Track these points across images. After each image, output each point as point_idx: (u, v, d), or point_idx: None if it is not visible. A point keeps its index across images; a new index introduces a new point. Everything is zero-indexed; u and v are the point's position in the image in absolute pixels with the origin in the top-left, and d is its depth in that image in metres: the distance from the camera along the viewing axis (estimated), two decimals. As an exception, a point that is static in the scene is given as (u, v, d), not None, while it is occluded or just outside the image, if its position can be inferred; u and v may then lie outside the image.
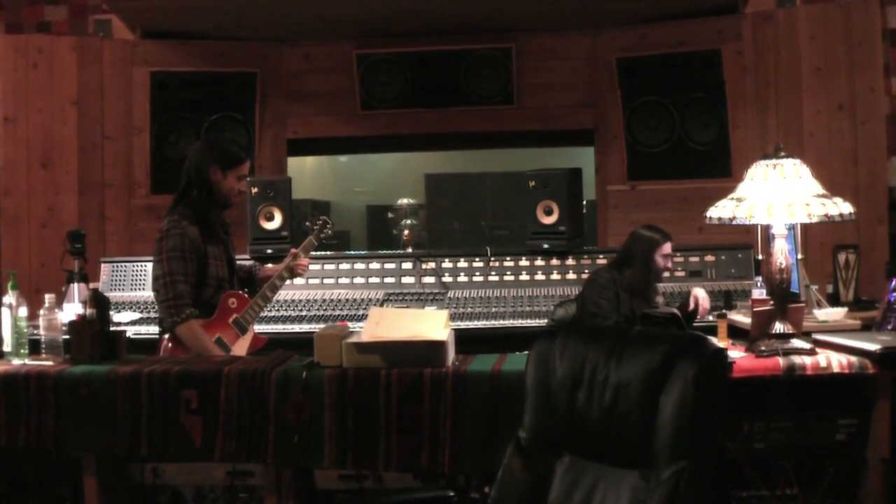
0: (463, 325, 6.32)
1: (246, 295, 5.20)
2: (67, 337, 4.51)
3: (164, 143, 8.42)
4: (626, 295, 5.88)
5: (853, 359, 4.13)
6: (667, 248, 5.99)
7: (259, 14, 8.15)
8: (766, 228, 4.48)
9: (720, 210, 4.32)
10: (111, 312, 4.73)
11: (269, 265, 5.62)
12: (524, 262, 7.03)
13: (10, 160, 8.17)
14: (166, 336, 4.92)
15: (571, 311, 6.11)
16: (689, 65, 8.30)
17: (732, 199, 4.34)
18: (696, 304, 5.84)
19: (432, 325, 4.13)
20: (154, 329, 5.87)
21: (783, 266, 4.26)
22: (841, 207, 4.17)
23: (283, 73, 8.91)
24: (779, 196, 4.18)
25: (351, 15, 8.20)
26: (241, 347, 5.05)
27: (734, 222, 4.25)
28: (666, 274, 6.19)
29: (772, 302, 4.42)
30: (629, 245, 6.07)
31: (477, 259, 7.06)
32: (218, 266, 5.10)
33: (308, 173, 11.54)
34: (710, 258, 6.98)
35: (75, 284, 6.40)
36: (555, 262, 7.03)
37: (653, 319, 4.86)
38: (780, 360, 4.11)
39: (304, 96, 8.93)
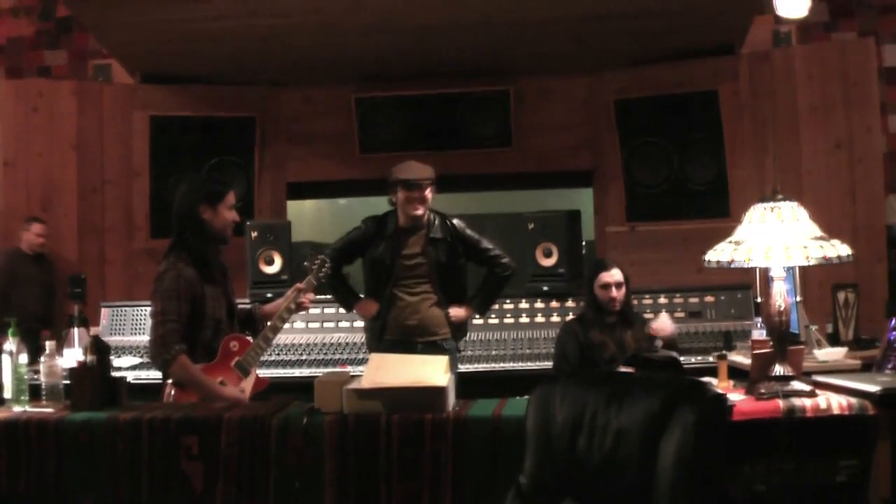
0: (463, 367, 6.31)
1: (248, 337, 5.19)
2: (68, 382, 4.51)
3: (163, 187, 8.43)
4: (596, 332, 5.82)
5: (853, 400, 4.12)
6: (603, 277, 5.85)
7: (258, 58, 8.21)
8: (765, 271, 4.48)
9: (718, 253, 4.33)
10: (111, 357, 4.73)
11: (269, 304, 5.62)
12: (524, 305, 7.04)
13: (11, 204, 8.20)
14: (169, 381, 4.91)
15: None
16: (686, 105, 8.34)
17: (731, 242, 4.35)
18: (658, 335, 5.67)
19: (433, 370, 4.13)
20: (154, 374, 5.87)
21: (782, 308, 4.26)
22: (839, 249, 4.18)
23: (281, 117, 8.96)
24: (777, 239, 4.18)
25: (349, 58, 8.25)
26: (244, 390, 5.04)
27: (732, 265, 4.26)
28: (614, 306, 5.83)
29: (771, 344, 4.41)
30: None
31: (477, 302, 7.04)
32: (216, 307, 5.08)
33: (307, 215, 11.54)
34: (709, 298, 6.98)
35: (75, 329, 6.39)
36: (554, 304, 7.03)
37: (651, 363, 4.85)
38: (781, 403, 4.10)
39: (302, 140, 8.97)
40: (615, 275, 5.86)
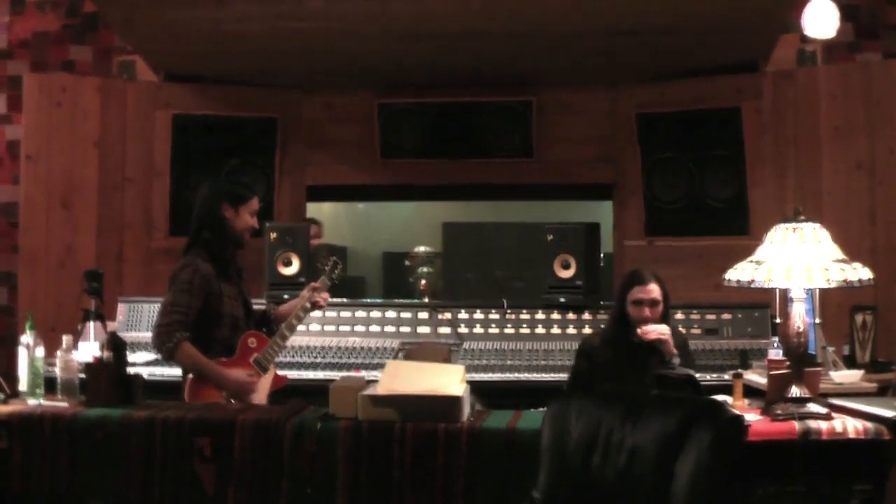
0: (478, 376, 6.29)
1: (265, 334, 5.23)
2: (83, 377, 4.53)
3: (183, 187, 8.42)
4: (610, 350, 5.37)
5: (869, 424, 4.12)
6: (637, 293, 5.35)
7: (282, 61, 8.21)
8: (785, 291, 4.48)
9: (739, 272, 4.32)
10: (127, 353, 4.75)
11: (284, 305, 5.64)
12: (540, 316, 7.00)
13: (31, 198, 8.19)
14: (189, 377, 4.93)
15: None
16: (708, 122, 8.30)
17: (752, 261, 4.34)
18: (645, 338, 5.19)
19: (448, 379, 4.14)
20: (169, 371, 5.90)
21: (801, 330, 4.26)
22: (860, 273, 4.17)
23: (303, 121, 8.96)
24: (798, 260, 4.18)
25: (372, 64, 8.26)
26: (262, 387, 5.07)
27: (753, 285, 4.25)
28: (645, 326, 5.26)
29: (788, 364, 4.40)
30: None
31: (493, 311, 7.03)
32: (233, 305, 5.14)
33: (325, 218, 11.54)
34: (726, 316, 6.94)
35: (91, 323, 6.39)
36: (571, 316, 7.00)
37: (668, 381, 4.75)
38: (796, 425, 4.09)
39: (324, 144, 8.97)
40: (652, 291, 5.33)
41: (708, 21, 7.17)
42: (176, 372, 5.31)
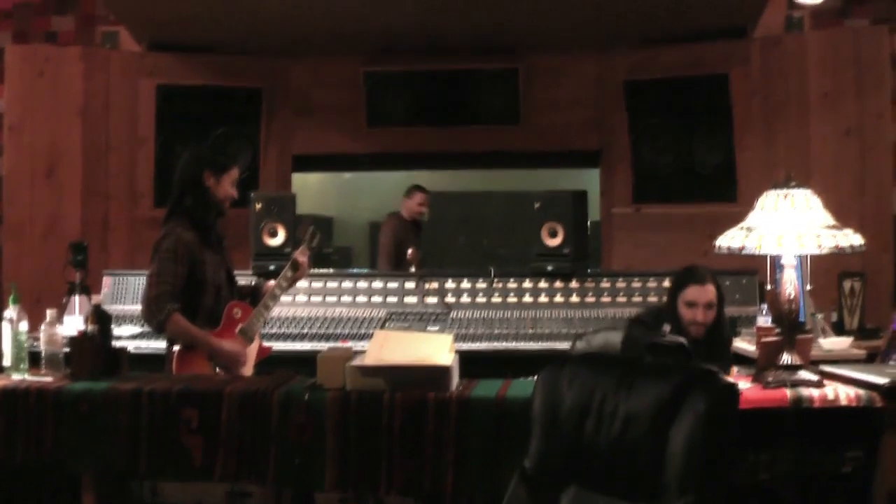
0: (465, 346, 6.28)
1: (249, 304, 5.21)
2: (68, 350, 4.48)
3: (168, 155, 8.36)
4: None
5: (861, 392, 4.10)
6: (691, 292, 5.08)
7: (266, 29, 8.15)
8: (775, 258, 4.45)
9: (730, 239, 4.29)
10: (112, 327, 4.70)
11: (272, 281, 5.62)
12: (528, 284, 6.97)
13: (14, 168, 8.14)
14: (175, 349, 4.89)
15: (593, 344, 5.58)
16: (696, 88, 8.28)
17: (742, 228, 4.31)
18: None
19: (437, 348, 4.10)
20: (155, 343, 5.86)
21: (792, 297, 4.23)
22: (851, 239, 4.15)
23: (289, 89, 8.92)
24: (789, 227, 4.15)
25: (358, 31, 8.20)
26: (249, 358, 5.06)
27: (744, 252, 4.22)
28: (698, 332, 5.04)
29: (778, 331, 4.38)
30: None
31: (480, 280, 7.00)
32: (216, 273, 5.11)
33: (311, 188, 11.52)
34: (714, 283, 6.92)
35: (76, 296, 6.36)
36: (559, 284, 6.97)
37: (659, 348, 4.67)
38: (788, 392, 4.07)
39: (309, 112, 8.93)
40: (708, 292, 5.05)
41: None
42: (161, 345, 5.26)
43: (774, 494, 4.17)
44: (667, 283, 6.77)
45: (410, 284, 7.04)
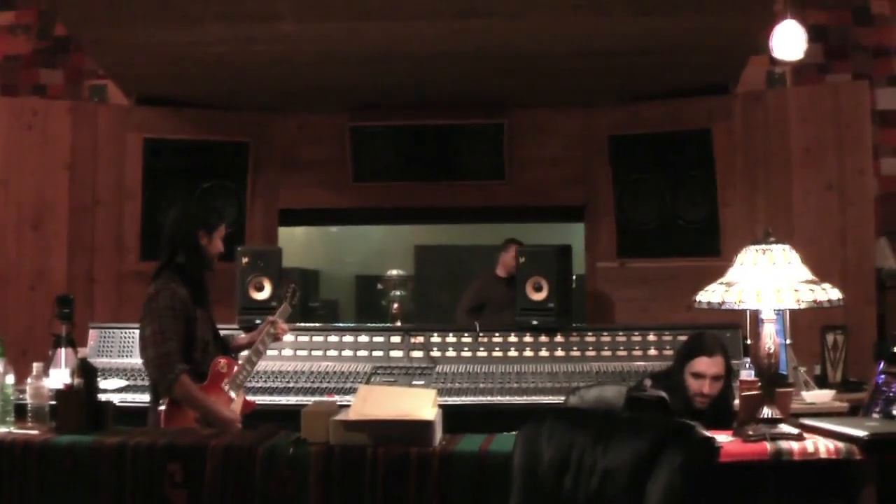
0: (451, 400, 6.27)
1: (232, 358, 5.23)
2: (54, 403, 4.49)
3: (155, 209, 8.38)
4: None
5: (840, 444, 4.12)
6: (700, 363, 4.87)
7: (253, 84, 8.22)
8: (756, 312, 4.49)
9: (710, 294, 4.33)
10: (98, 379, 4.72)
11: (242, 336, 5.67)
12: (513, 339, 7.00)
13: (1, 221, 8.14)
14: (161, 408, 4.90)
15: (587, 399, 5.24)
16: (679, 143, 8.35)
17: (722, 283, 4.35)
18: None
19: (420, 403, 4.12)
20: (141, 397, 5.86)
21: (772, 350, 4.27)
22: (829, 294, 4.19)
23: (275, 143, 8.96)
24: (768, 282, 4.19)
25: (345, 87, 8.27)
26: (234, 412, 5.07)
27: (724, 307, 4.26)
28: (701, 403, 4.85)
29: (759, 385, 4.41)
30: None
31: (466, 335, 7.03)
32: (204, 329, 5.14)
33: (297, 241, 11.55)
34: (698, 337, 6.94)
35: (62, 349, 6.36)
36: (543, 338, 6.99)
37: (639, 403, 4.69)
38: (768, 445, 4.09)
39: (296, 166, 8.98)
40: (717, 363, 4.86)
41: (679, 43, 7.22)
42: (146, 398, 5.27)
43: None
44: (651, 337, 6.85)
45: (396, 339, 7.05)
